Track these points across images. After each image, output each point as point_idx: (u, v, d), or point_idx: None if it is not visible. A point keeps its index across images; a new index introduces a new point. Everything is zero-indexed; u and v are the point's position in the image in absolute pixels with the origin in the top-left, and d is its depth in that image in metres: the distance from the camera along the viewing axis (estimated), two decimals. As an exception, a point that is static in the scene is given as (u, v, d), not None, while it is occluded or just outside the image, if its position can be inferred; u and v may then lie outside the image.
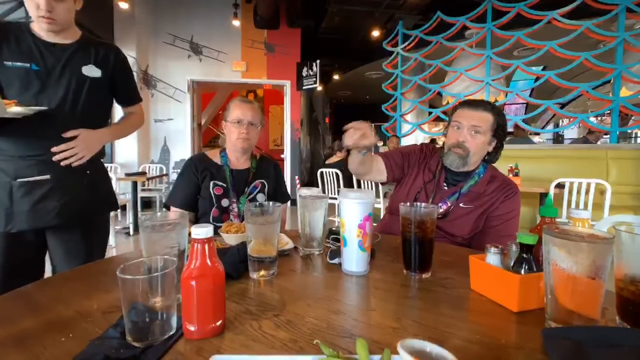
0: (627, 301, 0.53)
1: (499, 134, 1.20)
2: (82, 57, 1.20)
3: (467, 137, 1.17)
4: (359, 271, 0.80)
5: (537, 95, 7.21)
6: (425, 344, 0.39)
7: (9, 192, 1.09)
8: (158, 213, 0.74)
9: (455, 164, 1.19)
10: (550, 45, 3.84)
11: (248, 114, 1.37)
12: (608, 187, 2.52)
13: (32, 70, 1.11)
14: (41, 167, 1.12)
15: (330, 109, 11.66)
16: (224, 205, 1.33)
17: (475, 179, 1.19)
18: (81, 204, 1.20)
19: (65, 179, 1.16)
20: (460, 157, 1.18)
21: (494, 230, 1.17)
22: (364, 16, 5.79)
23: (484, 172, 1.21)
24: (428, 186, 1.24)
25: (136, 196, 4.07)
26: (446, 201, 1.18)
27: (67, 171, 1.16)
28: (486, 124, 1.17)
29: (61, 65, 1.15)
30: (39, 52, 1.14)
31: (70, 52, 1.18)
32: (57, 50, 1.16)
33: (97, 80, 1.22)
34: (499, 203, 1.16)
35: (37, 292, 0.71)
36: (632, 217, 1.36)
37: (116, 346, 0.48)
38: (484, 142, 1.17)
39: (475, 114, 1.18)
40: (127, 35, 5.24)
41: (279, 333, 0.54)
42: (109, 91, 1.30)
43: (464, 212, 1.16)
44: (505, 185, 1.19)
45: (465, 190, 1.18)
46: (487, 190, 1.18)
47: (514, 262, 0.65)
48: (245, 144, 1.37)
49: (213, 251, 0.54)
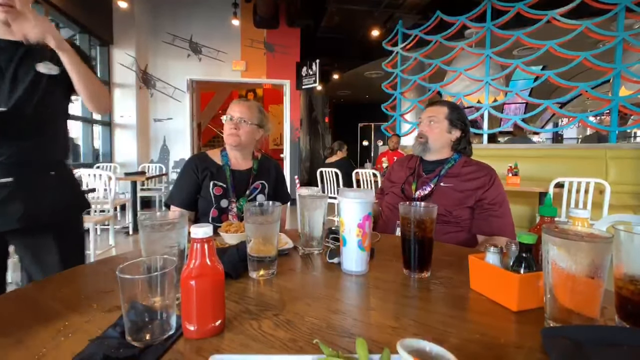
0: (626, 300, 0.53)
1: (457, 123, 1.39)
2: (37, 54, 1.11)
3: (425, 127, 1.41)
4: (359, 271, 0.80)
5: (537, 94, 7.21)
6: (424, 344, 0.39)
7: None
8: (157, 212, 0.74)
9: (418, 150, 1.42)
10: (549, 45, 3.84)
11: (237, 110, 1.36)
12: (607, 187, 2.52)
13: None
14: (2, 170, 1.06)
15: (330, 108, 11.66)
16: (222, 206, 1.32)
17: (452, 163, 1.37)
18: (47, 206, 1.14)
19: (28, 181, 1.10)
20: (421, 144, 1.40)
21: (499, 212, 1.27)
22: (364, 15, 5.78)
23: (458, 158, 1.39)
24: (410, 178, 1.43)
25: (135, 196, 4.07)
26: (429, 184, 1.35)
27: (31, 173, 1.11)
28: (440, 114, 1.39)
29: (15, 64, 1.07)
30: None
31: (25, 49, 1.09)
32: (8, 48, 1.07)
33: (54, 78, 1.14)
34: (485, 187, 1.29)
35: (37, 292, 0.71)
36: (631, 217, 1.36)
37: (116, 346, 0.48)
38: (441, 129, 1.38)
39: (431, 108, 1.43)
40: (127, 34, 5.24)
41: (279, 332, 0.54)
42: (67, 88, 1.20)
43: (445, 190, 1.32)
44: (481, 168, 1.34)
45: (444, 173, 1.35)
46: (462, 171, 1.34)
47: (514, 262, 0.66)
48: (233, 140, 1.35)
49: (212, 251, 0.54)
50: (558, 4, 3.77)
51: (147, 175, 4.57)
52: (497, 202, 1.27)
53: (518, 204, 3.29)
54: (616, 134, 3.61)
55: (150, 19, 5.62)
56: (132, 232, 4.05)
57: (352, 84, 9.64)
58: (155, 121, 5.76)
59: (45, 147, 1.17)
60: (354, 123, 13.01)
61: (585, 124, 4.88)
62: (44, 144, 1.16)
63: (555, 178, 2.71)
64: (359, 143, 13.21)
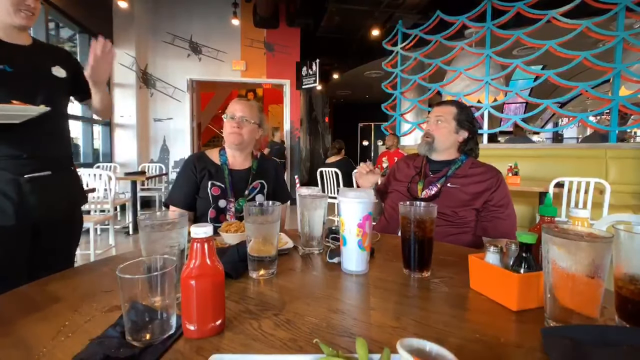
0: (626, 300, 0.53)
1: (465, 124, 1.37)
2: (47, 59, 1.25)
3: (432, 127, 1.39)
4: (359, 270, 0.80)
5: (536, 94, 7.20)
6: (424, 343, 0.39)
7: (18, 188, 1.14)
8: (157, 212, 0.74)
9: (424, 149, 1.40)
10: (549, 45, 3.83)
11: (240, 108, 1.36)
12: (607, 187, 2.52)
13: (5, 72, 1.13)
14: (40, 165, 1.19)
15: (330, 108, 11.64)
16: (221, 206, 1.32)
17: (458, 164, 1.36)
18: (69, 197, 1.33)
19: (60, 175, 1.27)
20: (427, 143, 1.38)
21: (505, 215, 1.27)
22: (364, 15, 5.77)
23: (465, 160, 1.37)
24: (416, 177, 1.42)
25: (135, 195, 4.07)
26: (436, 184, 1.33)
27: (61, 168, 1.28)
28: (448, 114, 1.37)
29: (31, 67, 1.19)
30: (8, 53, 1.15)
31: (36, 53, 1.23)
32: (22, 52, 1.18)
33: (63, 80, 1.28)
34: (492, 189, 1.27)
35: (37, 292, 0.71)
36: (631, 217, 1.36)
37: (116, 345, 0.48)
38: (448, 129, 1.36)
39: (439, 108, 1.41)
40: (126, 34, 5.24)
41: (279, 332, 0.54)
42: (70, 90, 1.34)
43: (452, 191, 1.31)
44: (488, 170, 1.32)
45: (451, 174, 1.34)
46: (469, 173, 1.33)
47: (514, 261, 0.66)
48: (236, 139, 1.34)
49: (212, 250, 0.54)
50: (558, 3, 3.77)
51: (147, 175, 4.57)
52: (503, 204, 1.26)
53: (518, 203, 3.28)
54: (616, 133, 3.61)
55: (150, 18, 5.62)
56: (132, 232, 4.05)
57: (352, 84, 9.63)
58: (155, 121, 5.77)
59: (61, 143, 1.31)
60: (354, 123, 13.01)
61: (585, 124, 4.87)
62: (59, 140, 1.30)
63: (555, 178, 2.71)
64: (359, 143, 13.21)
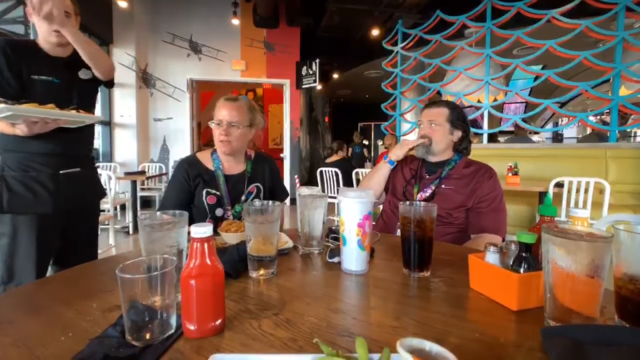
0: (626, 300, 0.53)
1: (458, 124, 1.38)
2: (77, 64, 1.38)
3: (427, 130, 1.40)
4: (359, 270, 0.80)
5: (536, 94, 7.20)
6: (424, 343, 0.39)
7: (57, 182, 1.34)
8: (157, 212, 0.74)
9: (421, 152, 1.42)
10: (549, 44, 3.83)
11: (226, 113, 1.28)
12: (607, 186, 2.52)
13: (54, 83, 1.32)
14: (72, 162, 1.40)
15: (330, 107, 11.64)
16: (218, 215, 1.29)
17: (452, 165, 1.37)
18: (95, 191, 1.55)
19: (86, 171, 1.47)
20: (425, 146, 1.40)
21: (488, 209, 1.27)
22: (364, 15, 5.77)
23: (459, 159, 1.38)
24: (412, 180, 1.42)
25: (135, 195, 4.06)
26: (430, 186, 1.35)
27: (87, 165, 1.48)
28: (441, 116, 1.38)
29: (71, 77, 1.38)
30: (54, 66, 1.33)
31: (72, 62, 1.37)
32: (65, 64, 1.37)
33: (88, 82, 1.44)
34: (481, 186, 1.28)
35: (37, 291, 0.71)
36: (631, 216, 1.36)
37: (116, 345, 0.48)
38: (443, 132, 1.38)
39: (431, 110, 1.42)
40: (126, 34, 5.23)
41: (279, 332, 0.54)
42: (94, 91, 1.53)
43: (447, 192, 1.32)
44: (480, 168, 1.34)
45: (445, 175, 1.35)
46: (464, 173, 1.34)
47: (513, 261, 0.66)
48: (226, 148, 1.28)
49: (212, 250, 0.54)
50: (558, 3, 3.76)
51: (147, 174, 4.57)
52: (488, 199, 1.26)
53: (518, 203, 3.30)
54: (616, 133, 3.61)
55: (150, 18, 5.61)
56: (132, 232, 4.05)
57: (352, 84, 9.63)
58: (155, 121, 5.76)
59: (87, 143, 1.51)
60: (354, 122, 13.01)
61: (585, 124, 4.87)
62: (86, 141, 1.49)
63: (555, 177, 2.71)
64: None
